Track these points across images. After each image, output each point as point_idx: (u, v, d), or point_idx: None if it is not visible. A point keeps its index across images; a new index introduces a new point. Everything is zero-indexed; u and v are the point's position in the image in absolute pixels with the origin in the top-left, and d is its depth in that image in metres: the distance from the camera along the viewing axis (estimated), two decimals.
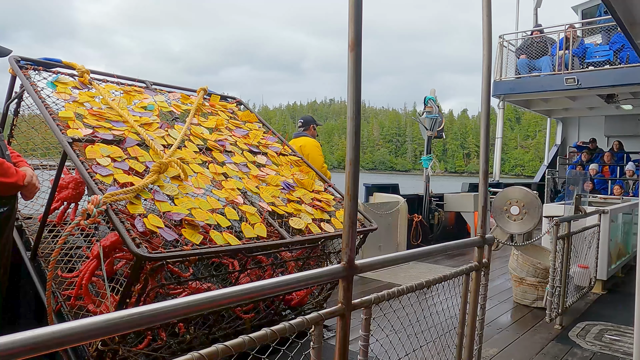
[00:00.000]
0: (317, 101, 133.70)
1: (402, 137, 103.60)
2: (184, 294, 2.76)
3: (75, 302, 2.60)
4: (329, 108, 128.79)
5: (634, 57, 8.98)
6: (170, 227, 2.45)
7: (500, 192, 5.48)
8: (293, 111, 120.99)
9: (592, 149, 11.75)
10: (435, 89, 8.26)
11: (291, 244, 2.96)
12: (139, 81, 3.58)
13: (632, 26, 2.26)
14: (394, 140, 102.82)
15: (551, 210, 5.62)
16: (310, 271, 1.37)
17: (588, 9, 12.47)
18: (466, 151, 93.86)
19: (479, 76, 2.14)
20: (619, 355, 3.56)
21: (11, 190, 2.28)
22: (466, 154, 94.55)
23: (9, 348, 0.77)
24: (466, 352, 2.21)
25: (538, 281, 4.68)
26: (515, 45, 11.34)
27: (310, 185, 3.61)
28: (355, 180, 1.38)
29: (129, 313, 0.95)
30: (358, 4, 1.31)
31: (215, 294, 1.11)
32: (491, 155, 7.80)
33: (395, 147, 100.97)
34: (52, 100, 2.82)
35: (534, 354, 3.56)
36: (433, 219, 8.23)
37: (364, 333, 1.57)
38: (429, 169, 8.14)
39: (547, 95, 10.80)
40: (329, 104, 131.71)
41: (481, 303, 2.25)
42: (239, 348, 1.11)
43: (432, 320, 2.17)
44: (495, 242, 3.08)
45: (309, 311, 3.08)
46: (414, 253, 1.85)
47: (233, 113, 4.03)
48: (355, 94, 1.34)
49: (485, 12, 2.06)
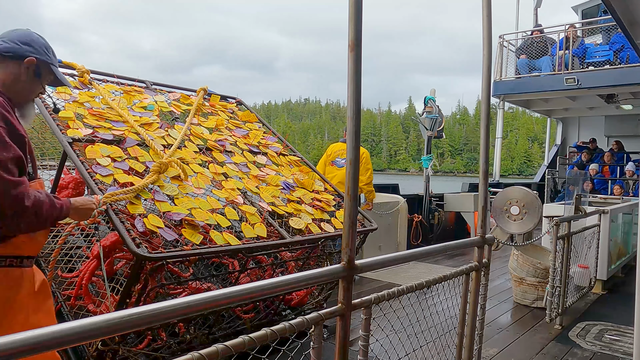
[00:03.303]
0: (292, 100, 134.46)
1: (377, 137, 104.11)
2: (184, 294, 2.76)
3: (75, 302, 2.60)
4: (304, 107, 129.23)
5: (634, 57, 8.98)
6: (170, 227, 2.45)
7: (500, 192, 5.48)
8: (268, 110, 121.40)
9: (592, 149, 11.75)
10: (435, 89, 8.25)
11: (291, 244, 2.96)
12: (139, 81, 3.58)
13: (632, 26, 2.26)
14: (369, 140, 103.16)
15: (551, 210, 5.62)
16: (310, 271, 1.37)
17: (588, 9, 12.46)
18: (440, 151, 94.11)
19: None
20: (619, 355, 3.56)
21: None
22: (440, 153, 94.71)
23: (9, 348, 0.77)
24: (466, 352, 2.21)
25: (538, 281, 4.68)
26: (515, 45, 11.33)
27: (310, 185, 3.61)
28: (355, 180, 1.38)
29: (129, 313, 0.95)
30: (358, 4, 1.31)
31: (215, 294, 1.11)
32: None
33: (370, 146, 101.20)
34: (52, 100, 2.82)
35: (534, 354, 3.56)
36: (433, 219, 8.23)
37: (364, 333, 1.57)
38: (429, 169, 8.14)
39: (547, 95, 10.79)
40: (303, 103, 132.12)
41: (481, 303, 2.25)
42: (239, 348, 1.11)
43: (432, 320, 2.17)
44: (495, 242, 3.08)
45: (309, 311, 3.07)
46: (414, 253, 1.85)
47: (233, 113, 4.03)
48: (355, 94, 1.34)
49: (485, 12, 2.06)
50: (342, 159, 5.39)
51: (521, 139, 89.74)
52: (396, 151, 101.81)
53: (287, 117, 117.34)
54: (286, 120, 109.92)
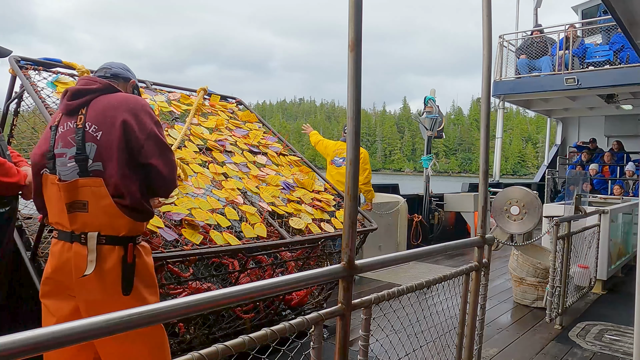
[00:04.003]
0: (287, 100, 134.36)
1: (372, 137, 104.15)
2: (184, 294, 2.76)
3: None
4: (298, 107, 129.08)
5: (634, 57, 8.97)
6: (170, 227, 2.45)
7: (500, 192, 5.48)
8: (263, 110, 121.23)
9: (592, 149, 11.74)
10: (435, 89, 8.25)
11: (291, 244, 2.96)
12: (139, 81, 3.57)
13: (632, 26, 2.26)
14: (364, 140, 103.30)
15: (551, 210, 5.61)
16: (310, 271, 1.37)
17: (588, 9, 12.45)
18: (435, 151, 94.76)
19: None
20: (619, 355, 3.56)
21: (13, 190, 2.28)
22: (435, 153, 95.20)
23: (9, 348, 0.77)
24: (466, 352, 2.21)
25: (538, 281, 4.68)
26: (515, 45, 11.33)
27: (310, 185, 3.61)
28: (355, 180, 1.38)
29: (128, 313, 0.95)
30: (358, 4, 1.31)
31: (215, 294, 1.11)
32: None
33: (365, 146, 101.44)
34: (52, 100, 2.82)
35: (534, 354, 3.56)
36: (433, 219, 8.23)
37: (364, 333, 1.57)
38: (429, 169, 8.13)
39: (547, 95, 10.79)
40: (298, 103, 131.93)
41: (481, 303, 2.25)
42: (239, 348, 1.11)
43: (432, 320, 2.17)
44: (495, 242, 3.08)
45: (309, 311, 3.08)
46: (414, 253, 1.85)
47: (233, 113, 4.03)
48: (355, 94, 1.34)
49: (485, 12, 2.06)
50: (340, 157, 5.40)
51: (515, 139, 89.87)
52: (391, 151, 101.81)
53: (281, 117, 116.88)
54: (281, 120, 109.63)
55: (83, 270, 1.82)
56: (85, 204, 1.84)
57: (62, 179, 1.89)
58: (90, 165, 1.86)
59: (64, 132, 1.93)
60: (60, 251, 1.88)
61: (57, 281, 1.91)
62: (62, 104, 1.99)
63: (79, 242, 1.85)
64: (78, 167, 1.87)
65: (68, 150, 1.90)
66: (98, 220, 1.84)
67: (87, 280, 1.83)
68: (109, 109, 1.90)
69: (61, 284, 1.90)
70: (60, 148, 1.92)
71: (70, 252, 1.86)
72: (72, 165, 1.88)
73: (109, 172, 1.85)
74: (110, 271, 1.84)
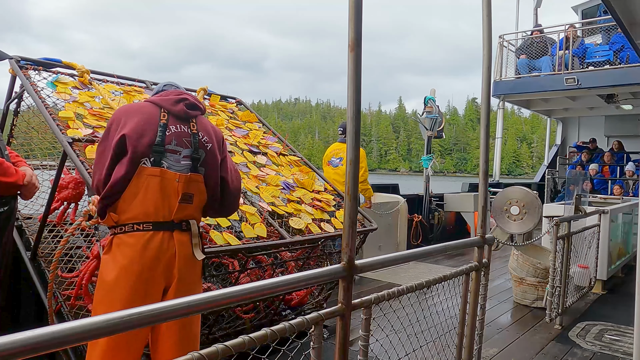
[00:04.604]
0: (282, 100, 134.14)
1: (368, 137, 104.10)
2: None
3: (75, 302, 2.60)
4: (294, 107, 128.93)
5: (634, 57, 8.97)
6: None
7: (500, 192, 5.48)
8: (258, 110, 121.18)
9: (592, 149, 11.74)
10: (435, 89, 8.25)
11: (291, 244, 2.96)
12: (139, 81, 3.58)
13: (632, 26, 2.26)
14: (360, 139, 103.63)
15: (551, 210, 5.61)
16: (310, 271, 1.37)
17: (588, 9, 12.45)
18: None
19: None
20: (619, 355, 3.56)
21: (11, 190, 2.28)
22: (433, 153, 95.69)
23: (9, 348, 0.77)
24: (466, 352, 2.21)
25: (538, 281, 4.68)
26: (515, 45, 11.33)
27: (310, 185, 3.61)
28: (355, 180, 1.38)
29: (128, 313, 0.95)
30: (358, 4, 1.31)
31: (215, 294, 1.11)
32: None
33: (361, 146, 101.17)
34: (52, 100, 2.82)
35: (534, 354, 3.56)
36: (433, 219, 8.23)
37: (364, 333, 1.57)
38: (429, 169, 8.14)
39: (547, 95, 10.79)
40: (294, 103, 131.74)
41: (481, 303, 2.25)
42: (239, 348, 1.11)
43: (432, 320, 2.17)
44: (495, 242, 3.08)
45: (309, 311, 3.08)
46: (414, 253, 1.85)
47: (233, 113, 4.03)
48: (355, 94, 1.34)
49: (485, 12, 2.06)
50: (336, 158, 5.44)
51: (510, 139, 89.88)
52: (386, 151, 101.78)
53: (277, 116, 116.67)
54: (277, 120, 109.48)
55: (187, 255, 2.06)
56: (191, 196, 2.09)
57: (180, 173, 2.10)
58: (197, 168, 2.14)
59: (178, 133, 2.12)
60: (161, 240, 2.01)
61: (147, 270, 1.98)
62: (175, 108, 2.15)
63: (179, 230, 2.06)
64: (191, 165, 2.12)
65: (183, 149, 2.11)
66: (196, 212, 2.15)
67: (192, 264, 2.09)
68: (211, 128, 2.28)
69: (154, 272, 1.99)
70: (175, 146, 2.10)
71: (173, 240, 2.04)
72: (186, 163, 2.11)
73: (207, 176, 2.16)
74: None
